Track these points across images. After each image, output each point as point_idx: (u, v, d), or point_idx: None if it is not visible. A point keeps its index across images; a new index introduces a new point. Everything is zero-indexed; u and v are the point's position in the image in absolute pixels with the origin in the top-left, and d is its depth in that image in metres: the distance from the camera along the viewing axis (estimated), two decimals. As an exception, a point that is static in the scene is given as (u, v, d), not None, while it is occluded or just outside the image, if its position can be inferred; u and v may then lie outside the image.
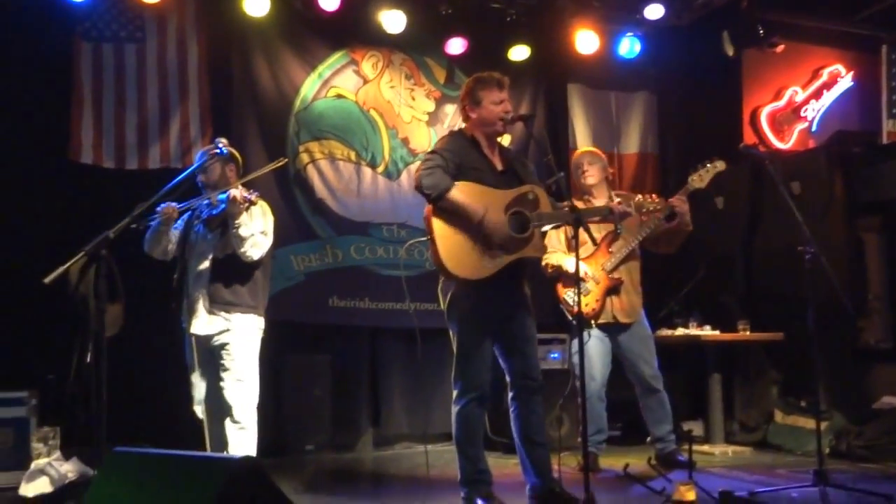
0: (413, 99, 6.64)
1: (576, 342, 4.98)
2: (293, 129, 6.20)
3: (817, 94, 7.60)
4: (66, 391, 3.70)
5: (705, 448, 5.94)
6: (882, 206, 6.23)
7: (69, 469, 3.44)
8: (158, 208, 4.20)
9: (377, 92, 6.52)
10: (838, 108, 7.63)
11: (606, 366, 5.17)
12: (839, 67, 7.67)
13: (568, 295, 5.06)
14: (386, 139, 6.50)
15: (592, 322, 5.05)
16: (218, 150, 4.12)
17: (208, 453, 4.04)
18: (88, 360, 3.50)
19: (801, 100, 7.55)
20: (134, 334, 4.11)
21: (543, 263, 5.04)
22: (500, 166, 4.11)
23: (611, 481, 4.86)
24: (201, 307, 4.25)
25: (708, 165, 4.97)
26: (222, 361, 4.25)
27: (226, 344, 4.25)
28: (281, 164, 4.70)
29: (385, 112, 6.51)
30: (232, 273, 4.27)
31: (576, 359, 5.00)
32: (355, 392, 6.27)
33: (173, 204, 4.23)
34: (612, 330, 5.14)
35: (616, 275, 5.09)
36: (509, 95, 4.13)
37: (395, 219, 6.42)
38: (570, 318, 5.10)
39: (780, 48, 7.00)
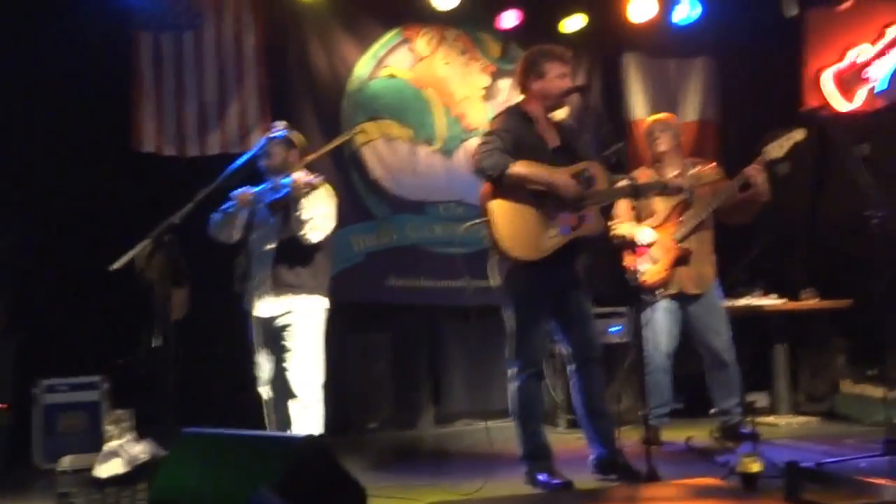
0: (469, 74, 6.63)
1: (643, 312, 5.03)
2: (347, 109, 6.25)
3: (884, 52, 7.35)
4: (135, 375, 3.82)
5: (770, 419, 5.86)
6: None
7: (141, 450, 3.56)
8: (233, 193, 4.27)
9: (432, 69, 6.52)
10: (908, 66, 7.37)
11: (674, 337, 5.12)
12: (908, 23, 7.39)
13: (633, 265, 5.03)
14: (441, 116, 6.51)
15: (658, 292, 5.02)
16: (276, 135, 4.19)
17: (274, 433, 4.13)
18: (156, 343, 3.61)
19: (867, 59, 7.31)
20: (200, 317, 4.23)
21: (612, 233, 5.02)
22: (554, 142, 4.10)
23: (672, 454, 4.84)
24: (264, 289, 4.32)
25: (787, 135, 4.83)
26: (284, 342, 4.32)
27: (288, 325, 4.31)
28: (345, 138, 4.70)
29: (440, 89, 6.51)
30: (294, 256, 4.32)
31: (644, 332, 5.04)
32: (415, 370, 6.34)
33: (249, 189, 4.30)
34: (682, 300, 5.08)
35: (686, 244, 5.03)
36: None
37: (451, 196, 6.43)
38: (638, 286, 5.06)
39: (846, 5, 6.80)
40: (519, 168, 3.88)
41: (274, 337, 4.36)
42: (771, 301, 5.94)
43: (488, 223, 3.94)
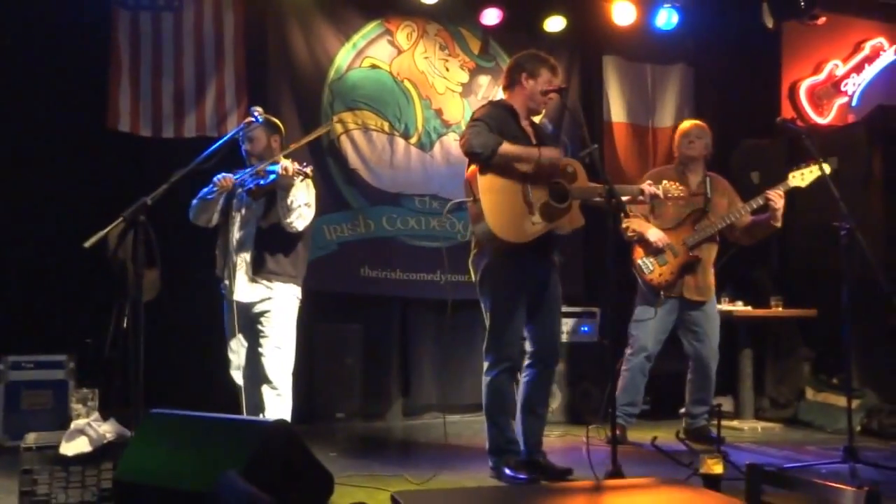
0: (447, 70, 6.64)
1: (637, 310, 5.17)
2: (327, 99, 6.23)
3: (858, 68, 7.48)
4: (103, 355, 3.79)
5: (735, 423, 5.94)
6: (922, 183, 6.15)
7: (107, 430, 3.52)
8: (215, 178, 4.25)
9: (411, 62, 6.52)
10: (880, 82, 7.49)
11: (660, 343, 5.20)
12: (882, 41, 7.53)
13: (644, 262, 5.10)
14: (419, 110, 6.51)
15: (662, 293, 5.09)
16: (254, 119, 4.15)
17: (242, 416, 4.12)
18: (126, 324, 3.58)
19: (842, 74, 7.43)
20: (171, 300, 4.20)
21: (624, 226, 5.07)
22: (534, 139, 4.19)
23: (638, 453, 4.89)
24: (243, 275, 4.32)
25: (812, 166, 4.82)
26: (261, 329, 4.32)
27: (266, 312, 4.32)
28: (326, 129, 4.70)
29: (419, 83, 6.52)
30: (275, 243, 4.33)
31: (632, 329, 5.17)
32: (385, 362, 6.34)
33: (229, 175, 4.28)
34: (682, 305, 5.16)
35: (695, 252, 5.09)
36: None
37: (427, 190, 6.44)
38: (641, 283, 5.14)
39: (822, 20, 6.90)
40: (509, 147, 3.95)
41: (250, 322, 4.36)
42: (739, 307, 6.02)
43: (475, 203, 3.97)
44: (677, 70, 7.33)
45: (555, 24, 6.68)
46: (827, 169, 4.77)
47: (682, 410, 5.33)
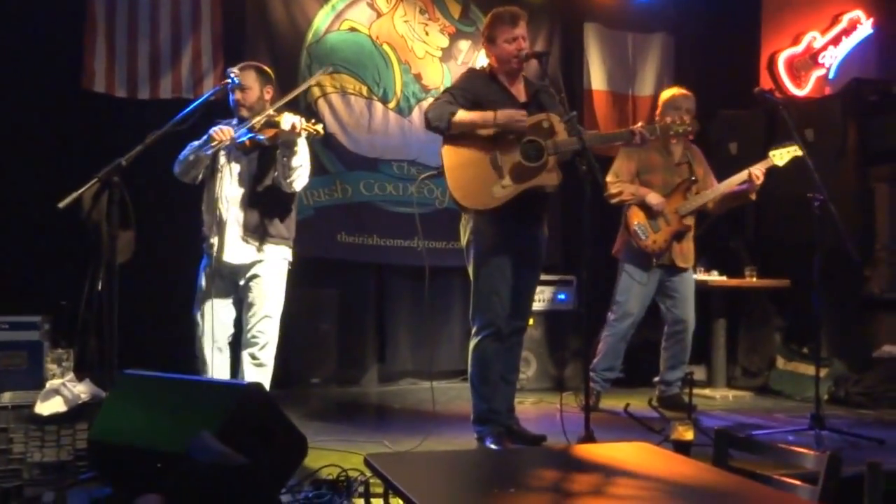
0: (427, 34, 6.61)
1: (625, 275, 5.17)
2: (305, 61, 6.19)
3: (836, 41, 7.52)
4: (78, 316, 3.78)
5: (706, 392, 6.04)
6: (895, 155, 6.21)
7: (82, 390, 3.53)
8: (211, 130, 4.07)
9: (391, 26, 6.48)
10: (857, 55, 7.55)
11: (644, 308, 5.24)
12: (859, 13, 7.56)
13: (640, 226, 5.09)
14: (398, 74, 6.48)
15: (654, 260, 5.12)
16: (230, 80, 4.11)
17: (217, 378, 4.11)
18: (100, 286, 3.57)
19: (820, 46, 7.47)
20: (145, 261, 4.18)
21: (615, 191, 5.06)
22: (522, 98, 4.13)
23: (610, 420, 4.97)
24: (234, 234, 4.14)
25: (789, 147, 4.91)
26: (251, 294, 4.18)
27: (257, 276, 4.17)
28: (316, 79, 4.35)
29: (398, 47, 6.48)
30: (269, 202, 4.17)
31: (618, 295, 5.21)
32: (361, 328, 6.36)
33: (227, 126, 4.11)
34: (667, 271, 5.20)
35: (687, 221, 5.14)
36: (526, 31, 4.13)
37: (406, 155, 6.43)
38: (635, 247, 5.12)
39: (801, -8, 6.93)
40: (463, 114, 3.92)
41: (234, 287, 4.22)
42: (714, 277, 6.09)
43: (444, 174, 3.97)
44: (658, 39, 7.34)
45: (536, -10, 6.66)
46: (799, 152, 4.84)
47: (657, 379, 5.40)
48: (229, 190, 4.16)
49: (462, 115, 3.92)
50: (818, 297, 4.46)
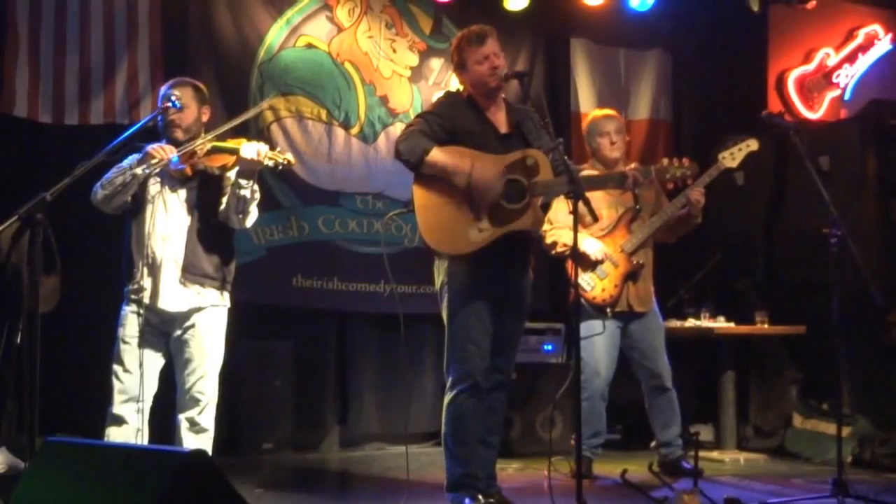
0: (394, 51, 6.67)
1: (583, 326, 4.98)
2: (256, 82, 6.22)
3: (851, 58, 7.67)
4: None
5: (714, 454, 6.05)
6: (919, 186, 6.32)
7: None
8: (148, 148, 4.00)
9: (353, 42, 6.53)
10: (874, 74, 7.70)
11: (613, 361, 5.23)
12: (877, 28, 7.73)
13: (583, 279, 5.06)
14: (362, 96, 6.52)
15: (608, 310, 5.09)
16: (171, 105, 4.10)
17: (153, 445, 4.06)
18: (19, 339, 3.54)
19: (834, 64, 7.61)
20: (71, 311, 4.15)
21: (550, 241, 5.07)
22: (504, 128, 4.15)
23: (607, 489, 4.97)
24: (171, 277, 4.05)
25: (740, 144, 5.00)
26: (188, 348, 4.09)
27: (195, 327, 4.09)
28: (260, 109, 4.33)
29: (361, 65, 6.53)
30: (209, 239, 4.11)
31: (582, 353, 5.12)
32: (320, 384, 6.33)
33: (168, 145, 4.03)
34: (625, 319, 5.19)
35: (636, 258, 5.14)
36: (501, 48, 4.17)
37: (371, 188, 6.46)
38: (584, 302, 5.09)
39: (811, 4, 7.07)
40: (437, 155, 3.93)
41: (165, 338, 4.14)
42: (720, 324, 6.12)
43: (415, 214, 3.98)
44: (653, 56, 7.45)
45: (517, 2, 6.73)
46: (755, 146, 4.97)
47: (654, 444, 5.40)
48: (165, 225, 4.09)
49: (435, 156, 3.93)
50: (838, 345, 4.50)
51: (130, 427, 4.03)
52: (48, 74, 5.62)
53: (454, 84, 6.61)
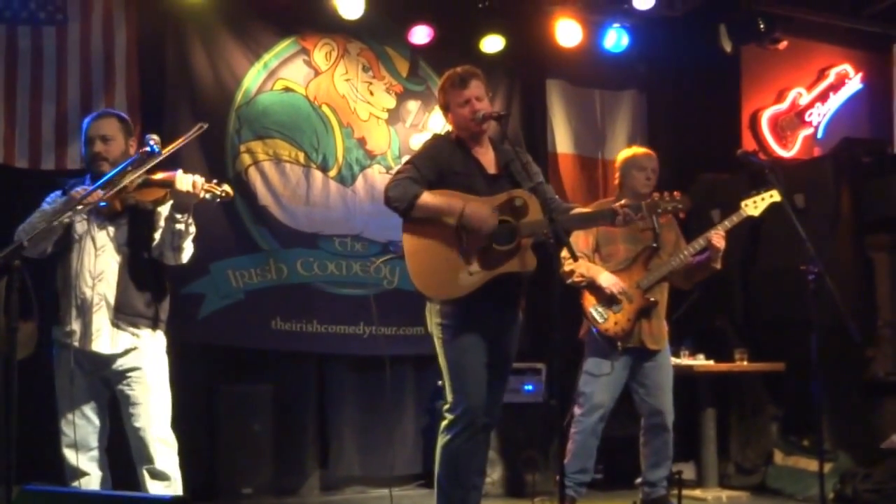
0: (371, 94, 6.71)
1: (589, 363, 5.12)
2: (234, 126, 6.24)
3: (823, 97, 7.79)
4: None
5: (697, 493, 6.05)
6: (894, 222, 6.39)
7: (-28, 512, 3.44)
8: (74, 190, 3.86)
9: (330, 85, 6.58)
10: (846, 112, 7.82)
11: (614, 398, 5.18)
12: (847, 68, 7.86)
13: (595, 310, 5.07)
14: (339, 139, 6.56)
15: (619, 344, 5.09)
16: (149, 149, 4.07)
17: (135, 493, 3.98)
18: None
19: (806, 103, 7.73)
20: (49, 357, 4.11)
21: (569, 269, 5.04)
22: (492, 169, 4.16)
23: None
24: (102, 319, 3.93)
25: (763, 194, 4.97)
26: (132, 392, 3.95)
27: (136, 369, 3.95)
28: (199, 132, 4.23)
29: (339, 108, 6.57)
30: (143, 277, 4.00)
31: (583, 386, 5.14)
32: (300, 428, 6.29)
33: (91, 187, 3.87)
34: (637, 356, 5.17)
35: (651, 296, 5.15)
36: (482, 90, 4.18)
37: (350, 230, 6.47)
38: (596, 334, 5.10)
39: (783, 45, 7.17)
40: (428, 198, 3.95)
41: (105, 383, 4.00)
42: (699, 361, 6.14)
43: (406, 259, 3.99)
44: (628, 96, 7.55)
45: (492, 44, 6.81)
46: (777, 197, 4.93)
47: (639, 480, 5.38)
48: (94, 264, 3.96)
49: (427, 199, 3.94)
50: (817, 381, 4.52)
51: (93, 477, 3.92)
52: (24, 119, 5.63)
53: (432, 126, 6.69)
